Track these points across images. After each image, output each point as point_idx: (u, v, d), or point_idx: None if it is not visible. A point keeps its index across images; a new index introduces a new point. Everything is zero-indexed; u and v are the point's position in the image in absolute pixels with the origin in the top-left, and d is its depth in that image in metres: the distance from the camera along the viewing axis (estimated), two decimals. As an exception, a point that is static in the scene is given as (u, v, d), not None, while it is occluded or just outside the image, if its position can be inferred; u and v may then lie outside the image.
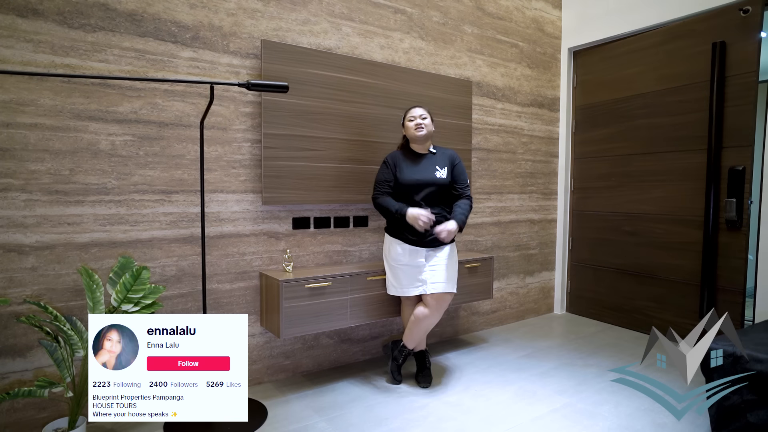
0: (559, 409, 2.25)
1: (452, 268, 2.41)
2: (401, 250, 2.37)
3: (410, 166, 2.39)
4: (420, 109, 2.41)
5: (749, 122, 2.84)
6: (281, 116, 2.43)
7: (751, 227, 2.90)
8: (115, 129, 2.07)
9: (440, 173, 2.38)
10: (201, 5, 2.25)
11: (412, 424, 2.10)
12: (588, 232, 3.86)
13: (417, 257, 2.36)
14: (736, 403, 1.80)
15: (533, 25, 3.71)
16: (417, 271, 2.37)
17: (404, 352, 2.52)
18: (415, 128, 2.36)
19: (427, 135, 2.39)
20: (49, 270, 1.95)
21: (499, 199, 3.56)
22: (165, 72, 2.17)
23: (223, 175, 2.35)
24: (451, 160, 2.43)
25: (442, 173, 2.38)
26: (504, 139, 3.56)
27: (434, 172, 2.37)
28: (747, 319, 3.02)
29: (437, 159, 2.42)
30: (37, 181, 1.91)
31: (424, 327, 2.42)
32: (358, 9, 2.75)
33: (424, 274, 2.36)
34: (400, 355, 2.52)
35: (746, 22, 2.85)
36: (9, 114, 1.85)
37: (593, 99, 3.78)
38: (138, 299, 1.88)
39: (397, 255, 2.38)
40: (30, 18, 1.88)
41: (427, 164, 2.39)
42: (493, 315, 3.59)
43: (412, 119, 2.38)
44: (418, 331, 2.43)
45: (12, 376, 1.90)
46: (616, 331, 3.52)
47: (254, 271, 2.46)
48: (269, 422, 2.09)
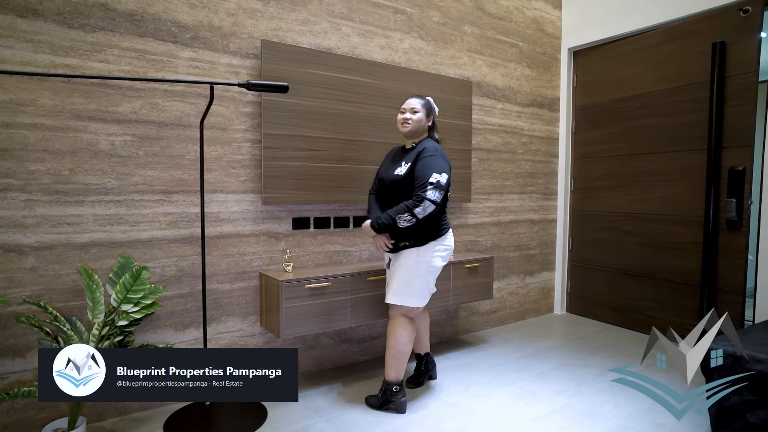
0: (559, 410, 2.25)
1: (396, 276, 2.16)
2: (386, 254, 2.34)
3: (389, 161, 2.30)
4: (415, 99, 2.20)
5: (749, 122, 2.84)
6: (281, 116, 2.43)
7: (751, 227, 2.90)
8: (115, 129, 2.07)
9: (400, 169, 2.14)
10: (201, 5, 2.25)
11: (412, 424, 2.10)
12: (588, 232, 3.86)
13: (386, 262, 2.35)
14: (736, 403, 1.80)
15: (533, 25, 3.71)
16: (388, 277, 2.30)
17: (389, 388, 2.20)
18: (402, 123, 2.19)
19: (413, 131, 2.17)
20: (49, 270, 1.95)
21: (499, 200, 3.56)
22: (165, 72, 2.17)
23: (223, 175, 2.34)
24: (417, 154, 2.11)
25: (402, 169, 2.13)
26: (504, 139, 3.56)
27: (396, 169, 2.17)
28: (747, 319, 3.02)
29: (410, 154, 2.17)
30: (36, 181, 1.91)
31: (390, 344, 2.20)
32: (358, 9, 2.75)
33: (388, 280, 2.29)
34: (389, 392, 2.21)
35: (746, 22, 2.85)
36: (9, 114, 1.85)
37: (593, 99, 3.78)
38: (138, 299, 1.88)
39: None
40: (30, 18, 1.88)
41: (400, 159, 2.21)
42: (493, 315, 3.58)
43: (403, 111, 2.20)
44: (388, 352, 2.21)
45: (12, 376, 1.90)
46: (616, 331, 3.51)
47: (254, 271, 2.46)
48: (269, 422, 2.09)
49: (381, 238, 2.17)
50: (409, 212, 2.01)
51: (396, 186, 2.14)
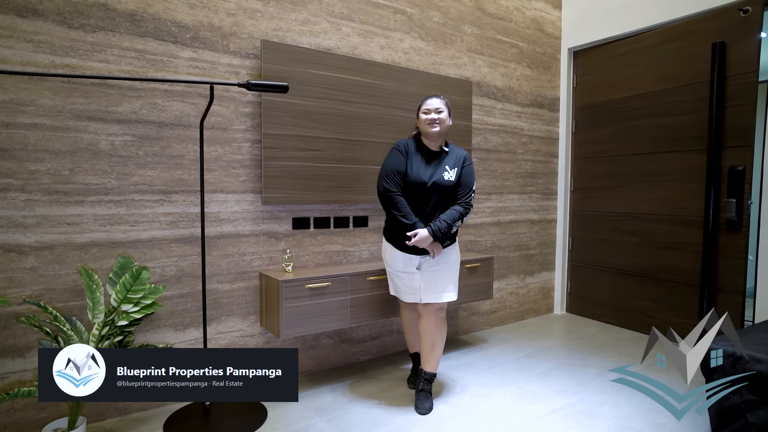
0: (559, 410, 2.25)
1: (446, 274, 2.25)
2: (396, 256, 2.26)
3: (421, 163, 2.20)
4: (437, 100, 2.21)
5: (749, 122, 2.84)
6: (281, 116, 2.43)
7: (751, 227, 2.90)
8: (115, 129, 2.07)
9: (449, 175, 2.19)
10: (201, 5, 2.25)
11: (412, 424, 2.10)
12: (588, 232, 3.86)
13: (411, 265, 2.24)
14: (736, 403, 1.80)
15: (533, 25, 3.71)
16: (411, 279, 2.25)
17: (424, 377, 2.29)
18: (429, 124, 2.18)
19: (441, 132, 2.20)
20: (49, 270, 1.95)
21: (499, 200, 3.56)
22: (165, 72, 2.17)
23: (222, 175, 2.34)
24: (462, 161, 2.24)
25: (450, 175, 2.20)
26: (504, 140, 3.56)
27: (443, 173, 2.19)
28: (747, 319, 3.02)
29: (449, 159, 2.23)
30: (36, 181, 1.91)
31: (428, 340, 2.25)
32: (358, 9, 2.75)
33: (417, 282, 2.23)
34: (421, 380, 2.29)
35: (746, 22, 2.85)
36: (9, 114, 1.85)
37: (593, 99, 3.78)
38: (138, 299, 1.88)
39: (392, 260, 2.28)
40: (30, 18, 1.88)
41: (438, 164, 2.22)
42: (493, 315, 3.58)
43: (427, 112, 2.19)
44: (425, 347, 2.26)
45: (12, 376, 1.90)
46: (616, 331, 3.51)
47: (254, 271, 2.46)
48: (269, 422, 2.09)
49: (437, 244, 2.19)
50: (461, 219, 2.20)
51: (445, 190, 2.20)
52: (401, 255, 2.24)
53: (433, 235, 2.12)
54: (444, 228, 2.13)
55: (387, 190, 2.17)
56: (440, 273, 2.23)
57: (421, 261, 2.24)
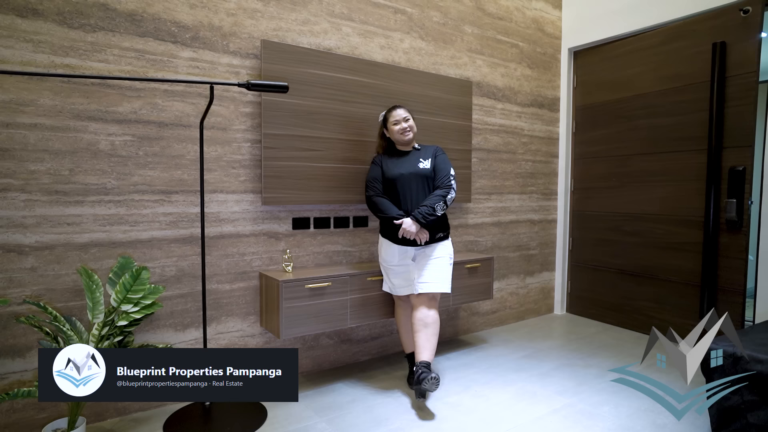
0: (559, 410, 2.25)
1: (440, 266, 2.36)
2: (392, 251, 2.38)
3: (396, 162, 2.43)
4: (401, 110, 2.42)
5: (749, 122, 2.84)
6: (281, 116, 2.43)
7: (751, 227, 2.90)
8: (115, 129, 2.07)
9: (423, 164, 2.40)
10: (201, 5, 2.25)
11: (411, 425, 2.10)
12: (588, 232, 3.85)
13: (406, 257, 2.38)
14: (736, 403, 1.80)
15: (533, 25, 3.70)
16: (406, 271, 2.38)
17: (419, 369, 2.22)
18: (402, 132, 2.39)
19: (414, 136, 2.44)
20: (49, 270, 1.95)
21: (499, 200, 3.56)
22: (165, 72, 2.17)
23: (222, 175, 2.34)
24: (434, 152, 2.46)
25: (425, 164, 2.40)
26: (504, 140, 3.56)
27: (418, 164, 2.40)
28: (747, 320, 3.02)
29: (422, 153, 2.46)
30: (36, 182, 1.91)
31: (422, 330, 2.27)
32: (358, 9, 2.75)
33: (412, 273, 2.37)
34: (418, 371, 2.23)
35: (746, 23, 2.85)
36: (9, 114, 1.85)
37: (593, 99, 3.78)
38: (138, 299, 1.88)
39: (387, 255, 2.40)
40: (30, 18, 1.88)
41: (411, 159, 2.43)
42: (493, 315, 3.58)
43: (398, 122, 2.40)
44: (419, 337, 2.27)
45: (12, 376, 1.90)
46: (616, 331, 3.51)
47: (254, 271, 2.46)
48: (269, 422, 2.09)
49: (423, 230, 2.32)
50: (443, 199, 2.32)
51: (423, 180, 2.38)
52: (397, 248, 2.37)
53: (417, 220, 2.27)
54: (426, 211, 2.28)
55: (368, 197, 2.42)
56: (433, 265, 2.36)
57: (416, 253, 2.39)
